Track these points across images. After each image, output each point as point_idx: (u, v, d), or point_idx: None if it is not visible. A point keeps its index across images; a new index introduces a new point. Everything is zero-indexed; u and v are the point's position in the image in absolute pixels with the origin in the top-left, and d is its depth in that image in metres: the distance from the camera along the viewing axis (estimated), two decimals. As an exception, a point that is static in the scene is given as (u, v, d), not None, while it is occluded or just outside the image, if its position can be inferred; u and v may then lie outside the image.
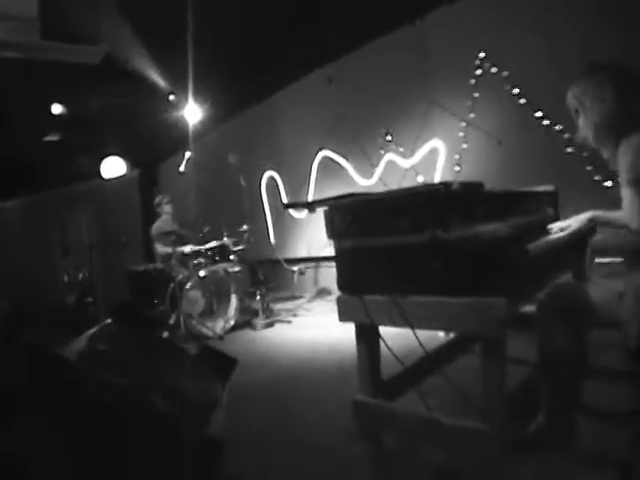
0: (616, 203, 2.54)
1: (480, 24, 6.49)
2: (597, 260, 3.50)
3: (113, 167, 13.18)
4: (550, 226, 2.92)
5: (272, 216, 10.50)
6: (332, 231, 2.59)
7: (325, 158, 9.14)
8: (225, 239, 7.92)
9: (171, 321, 7.00)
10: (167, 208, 8.21)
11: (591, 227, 2.86)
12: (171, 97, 9.63)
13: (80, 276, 10.33)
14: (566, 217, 2.97)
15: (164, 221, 8.17)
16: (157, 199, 8.36)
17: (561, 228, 2.87)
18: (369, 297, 2.43)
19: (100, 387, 1.89)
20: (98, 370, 1.97)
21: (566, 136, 5.64)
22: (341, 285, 2.60)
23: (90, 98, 9.76)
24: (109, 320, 2.51)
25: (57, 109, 10.26)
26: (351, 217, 2.48)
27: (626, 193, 2.35)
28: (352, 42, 8.14)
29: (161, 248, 7.85)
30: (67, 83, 8.85)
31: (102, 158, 13.04)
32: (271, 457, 3.04)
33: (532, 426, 2.52)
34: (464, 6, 6.71)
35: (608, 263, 2.84)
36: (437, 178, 7.17)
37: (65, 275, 10.84)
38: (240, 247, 8.14)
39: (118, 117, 10.55)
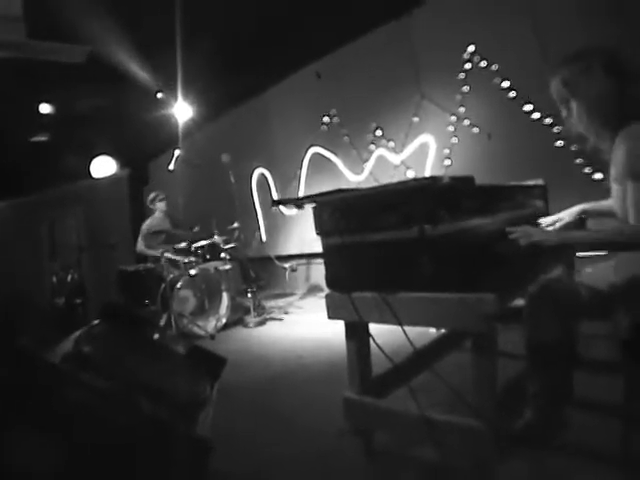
0: (605, 196, 2.53)
1: (469, 18, 6.47)
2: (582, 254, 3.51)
3: (103, 166, 13.12)
4: (541, 220, 2.91)
5: (263, 213, 10.47)
6: (320, 228, 2.57)
7: (315, 154, 9.11)
8: (216, 237, 7.89)
9: (162, 321, 6.98)
10: (161, 205, 8.18)
11: (582, 219, 2.85)
12: (159, 95, 9.58)
13: (69, 277, 10.28)
14: (556, 211, 2.96)
15: (156, 219, 8.14)
16: (151, 195, 8.31)
17: (552, 222, 2.86)
18: (358, 294, 2.41)
19: (81, 390, 1.86)
20: (81, 373, 1.94)
21: (555, 129, 5.63)
22: (330, 282, 2.58)
23: (78, 97, 9.70)
24: (96, 321, 2.48)
25: (45, 109, 10.20)
26: (339, 213, 2.46)
27: (622, 185, 2.29)
28: (340, 37, 8.12)
29: (141, 246, 7.82)
30: (55, 82, 8.80)
31: (92, 158, 12.98)
32: (261, 455, 3.02)
33: (522, 420, 2.50)
34: (452, 0, 6.69)
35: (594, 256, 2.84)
36: (427, 173, 7.16)
37: (54, 276, 10.78)
38: (231, 245, 8.11)
39: (107, 116, 10.49)
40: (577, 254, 3.53)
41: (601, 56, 2.33)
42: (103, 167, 13.14)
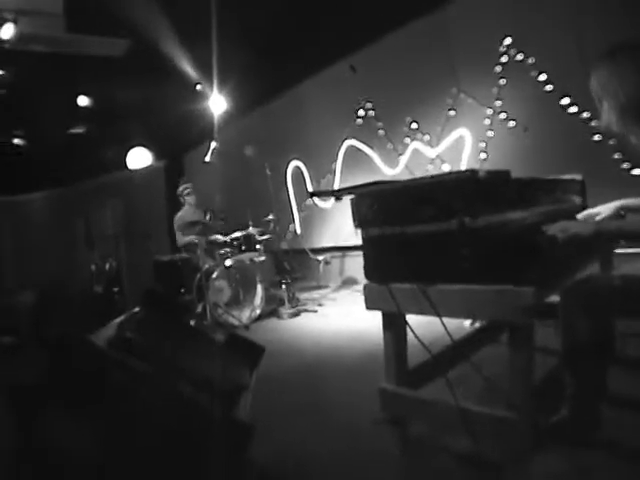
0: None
1: (505, 10, 6.43)
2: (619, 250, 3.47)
3: (139, 158, 13.26)
4: (579, 215, 2.89)
5: (297, 205, 10.51)
6: (359, 219, 2.59)
7: (350, 147, 9.12)
8: (251, 228, 7.95)
9: (198, 310, 7.06)
10: (189, 199, 8.24)
11: (620, 215, 2.82)
12: (198, 87, 9.66)
13: (107, 266, 10.43)
14: (594, 207, 2.94)
15: (186, 211, 8.21)
16: (180, 189, 8.40)
17: (590, 216, 2.83)
18: (396, 285, 2.43)
19: (127, 374, 1.91)
20: (126, 357, 1.99)
21: (593, 123, 5.58)
22: (368, 273, 2.60)
23: (116, 90, 9.82)
24: (137, 308, 2.54)
25: (83, 101, 10.34)
26: (378, 205, 2.48)
27: None
28: (376, 31, 8.11)
29: (181, 238, 7.90)
30: (93, 75, 8.92)
31: (128, 149, 13.12)
32: (298, 442, 3.06)
33: (557, 416, 2.50)
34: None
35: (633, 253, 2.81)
36: (463, 166, 7.14)
37: (93, 265, 10.95)
38: (266, 237, 8.17)
39: (143, 108, 10.61)
40: (615, 250, 3.51)
41: (632, 52, 2.31)
42: (139, 159, 13.28)
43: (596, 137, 5.58)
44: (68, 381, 1.85)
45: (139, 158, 13.30)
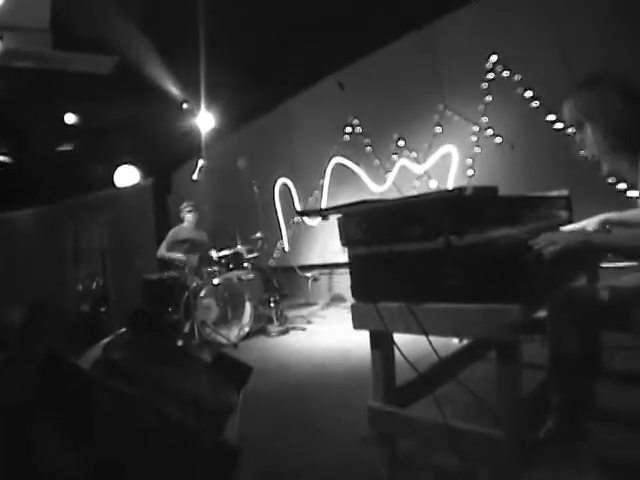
0: (630, 206, 2.52)
1: (491, 27, 6.50)
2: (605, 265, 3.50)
3: (126, 176, 13.24)
4: (563, 229, 2.91)
5: (285, 223, 10.51)
6: (346, 238, 2.59)
7: (338, 164, 9.14)
8: (239, 246, 7.94)
9: (185, 329, 7.04)
10: (189, 216, 8.24)
11: (605, 229, 2.84)
12: (184, 105, 9.66)
13: (94, 285, 10.37)
14: (579, 220, 2.96)
15: (182, 228, 8.22)
16: (181, 206, 8.40)
17: (574, 230, 2.85)
18: (384, 304, 2.43)
19: (111, 396, 1.89)
20: (112, 379, 1.98)
21: (578, 139, 5.62)
22: (355, 292, 2.60)
23: (103, 107, 9.81)
24: (124, 329, 2.52)
25: (70, 119, 10.31)
26: (365, 224, 2.48)
27: None
28: (363, 48, 8.16)
29: (163, 250, 7.88)
30: (80, 93, 8.91)
31: (116, 167, 13.10)
32: (285, 463, 3.05)
33: (543, 431, 2.50)
34: (475, 9, 6.71)
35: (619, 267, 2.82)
36: (450, 183, 7.17)
37: (79, 284, 10.88)
38: (254, 254, 8.16)
39: (131, 126, 10.60)
40: (601, 265, 3.53)
41: (615, 82, 2.35)
42: (127, 176, 13.26)
43: (582, 152, 5.61)
44: (53, 400, 1.83)
45: (127, 176, 13.27)
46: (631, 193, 5.23)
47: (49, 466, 1.78)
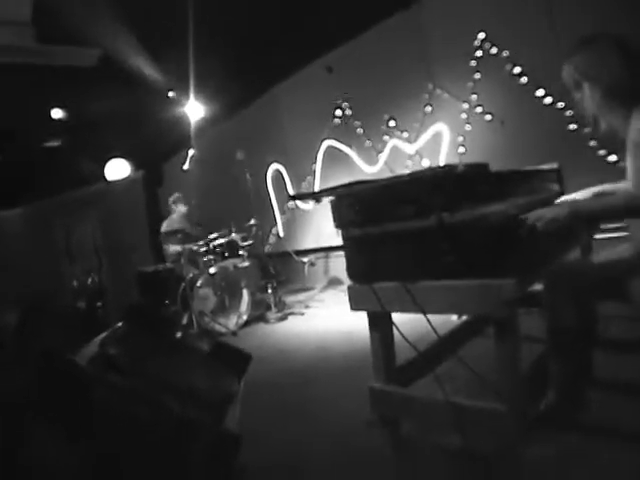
0: (621, 177, 2.52)
1: (478, 4, 6.46)
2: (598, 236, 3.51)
3: (117, 169, 13.16)
4: (557, 201, 2.91)
5: (279, 209, 10.49)
6: (339, 220, 2.59)
7: (330, 147, 9.12)
8: (233, 235, 7.92)
9: (184, 320, 7.04)
10: (179, 207, 8.24)
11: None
12: (170, 94, 9.59)
13: (89, 281, 10.36)
14: (571, 193, 2.96)
15: (172, 219, 8.22)
16: (172, 197, 8.40)
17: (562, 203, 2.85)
18: (380, 284, 2.42)
19: (109, 391, 1.89)
20: (109, 375, 1.98)
21: (568, 113, 5.62)
22: (351, 274, 2.60)
23: (90, 101, 9.73)
24: (120, 324, 2.52)
25: (57, 114, 10.23)
26: (357, 205, 2.47)
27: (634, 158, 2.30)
28: (350, 30, 8.10)
29: (171, 247, 7.88)
30: (66, 87, 8.84)
31: (105, 161, 13.03)
32: (288, 449, 3.05)
33: (544, 402, 2.51)
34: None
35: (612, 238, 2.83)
36: (442, 161, 7.16)
37: (74, 280, 10.86)
38: (249, 242, 8.15)
39: (119, 118, 10.52)
40: (594, 236, 3.54)
41: (611, 40, 2.36)
42: (117, 170, 13.18)
43: (571, 126, 5.62)
44: (51, 398, 1.83)
45: (117, 169, 13.19)
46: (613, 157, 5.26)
47: (48, 462, 1.78)
